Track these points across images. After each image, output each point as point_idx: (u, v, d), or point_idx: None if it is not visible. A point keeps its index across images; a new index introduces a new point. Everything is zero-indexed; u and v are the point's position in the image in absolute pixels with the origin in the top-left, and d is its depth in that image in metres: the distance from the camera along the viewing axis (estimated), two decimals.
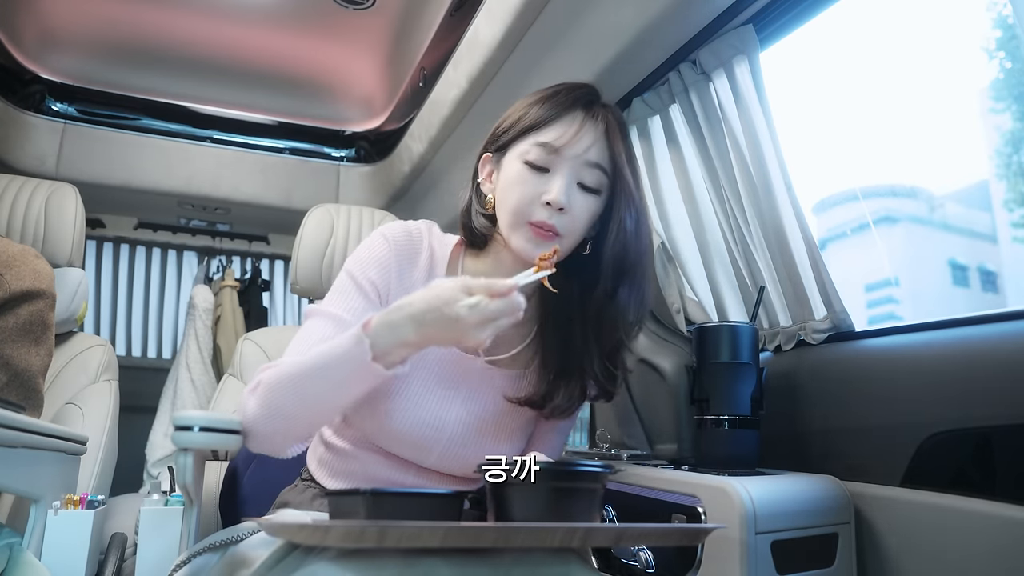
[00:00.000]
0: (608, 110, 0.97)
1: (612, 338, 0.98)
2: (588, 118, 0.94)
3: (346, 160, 2.76)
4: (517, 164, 0.94)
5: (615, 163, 0.95)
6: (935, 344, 1.02)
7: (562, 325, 1.00)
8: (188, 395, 2.73)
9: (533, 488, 0.69)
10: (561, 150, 0.92)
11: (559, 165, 0.93)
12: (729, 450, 1.13)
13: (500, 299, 0.79)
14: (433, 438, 0.96)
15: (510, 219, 0.94)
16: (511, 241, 0.94)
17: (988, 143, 1.57)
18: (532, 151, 0.93)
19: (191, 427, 0.90)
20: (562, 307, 1.00)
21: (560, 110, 0.94)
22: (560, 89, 0.98)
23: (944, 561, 0.93)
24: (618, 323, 0.97)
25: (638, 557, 1.09)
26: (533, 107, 0.96)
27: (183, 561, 0.88)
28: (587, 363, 0.99)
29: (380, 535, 0.57)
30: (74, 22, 2.18)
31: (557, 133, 0.93)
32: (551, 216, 0.91)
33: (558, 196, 0.90)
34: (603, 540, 0.93)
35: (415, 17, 1.97)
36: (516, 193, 0.93)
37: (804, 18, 1.27)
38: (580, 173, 0.93)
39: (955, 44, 1.45)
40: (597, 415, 1.69)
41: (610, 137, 0.95)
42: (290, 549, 0.69)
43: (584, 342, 0.98)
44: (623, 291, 0.96)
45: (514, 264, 0.97)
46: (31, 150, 2.39)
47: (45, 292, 1.34)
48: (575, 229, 0.94)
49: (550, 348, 1.01)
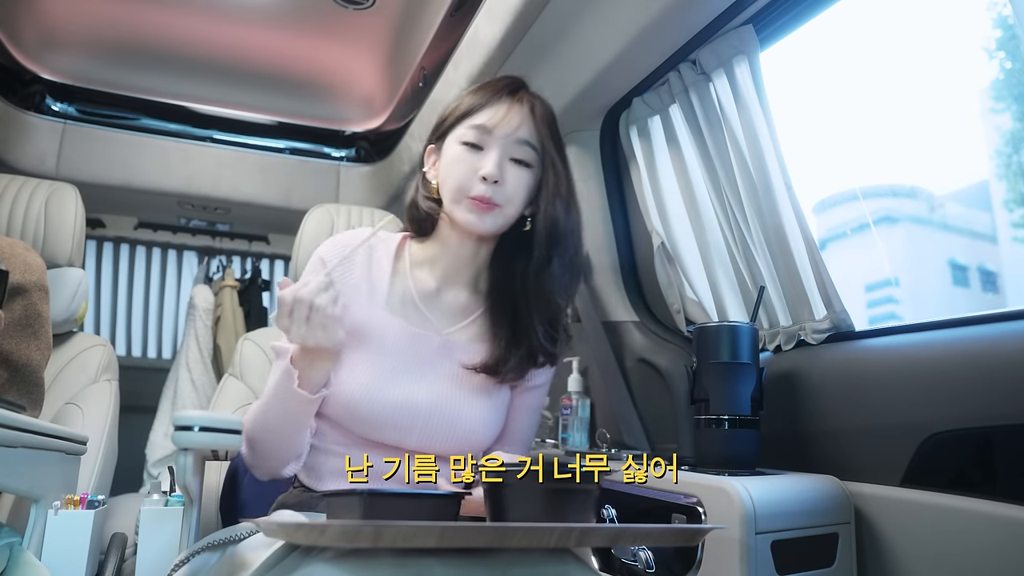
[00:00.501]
0: (533, 96, 1.08)
1: (550, 305, 1.07)
2: (515, 102, 1.05)
3: (346, 160, 2.76)
4: (455, 146, 1.05)
5: (542, 142, 1.05)
6: (935, 344, 1.02)
7: (507, 296, 1.09)
8: (188, 395, 2.74)
9: (529, 488, 0.69)
10: (493, 130, 1.02)
11: (491, 143, 1.03)
12: (729, 450, 1.13)
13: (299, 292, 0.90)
14: (409, 416, 1.02)
15: (452, 195, 1.03)
16: (454, 215, 1.03)
17: (988, 143, 1.57)
18: (468, 133, 1.04)
19: (191, 427, 0.90)
20: (507, 280, 1.10)
21: (490, 96, 1.05)
22: (491, 80, 1.10)
23: (944, 561, 0.93)
24: (554, 291, 1.06)
25: (638, 557, 1.09)
26: (467, 97, 1.08)
27: (182, 560, 0.88)
28: (531, 330, 1.07)
29: (376, 535, 0.56)
30: (74, 22, 2.18)
31: (488, 115, 1.03)
32: (488, 189, 1.01)
33: (492, 169, 1.00)
34: (600, 540, 0.94)
35: (415, 17, 1.97)
36: (456, 171, 1.03)
37: (804, 18, 1.27)
38: (511, 149, 1.03)
39: (955, 44, 1.45)
40: (597, 415, 1.69)
41: (535, 117, 1.05)
42: (289, 550, 0.69)
43: (528, 311, 1.07)
44: (556, 261, 1.05)
45: (460, 245, 1.08)
46: (31, 150, 2.39)
47: (37, 284, 1.34)
48: (511, 199, 1.03)
49: (499, 317, 1.10)
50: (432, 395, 1.04)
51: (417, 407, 1.02)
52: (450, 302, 1.11)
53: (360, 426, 1.02)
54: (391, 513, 0.66)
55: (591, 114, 1.67)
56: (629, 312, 1.66)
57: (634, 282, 1.71)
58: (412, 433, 1.02)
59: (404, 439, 1.02)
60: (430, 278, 1.11)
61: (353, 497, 0.68)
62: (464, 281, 1.12)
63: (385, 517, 0.65)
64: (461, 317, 1.11)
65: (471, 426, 1.04)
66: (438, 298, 1.10)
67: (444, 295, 1.11)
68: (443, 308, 1.10)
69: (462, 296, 1.12)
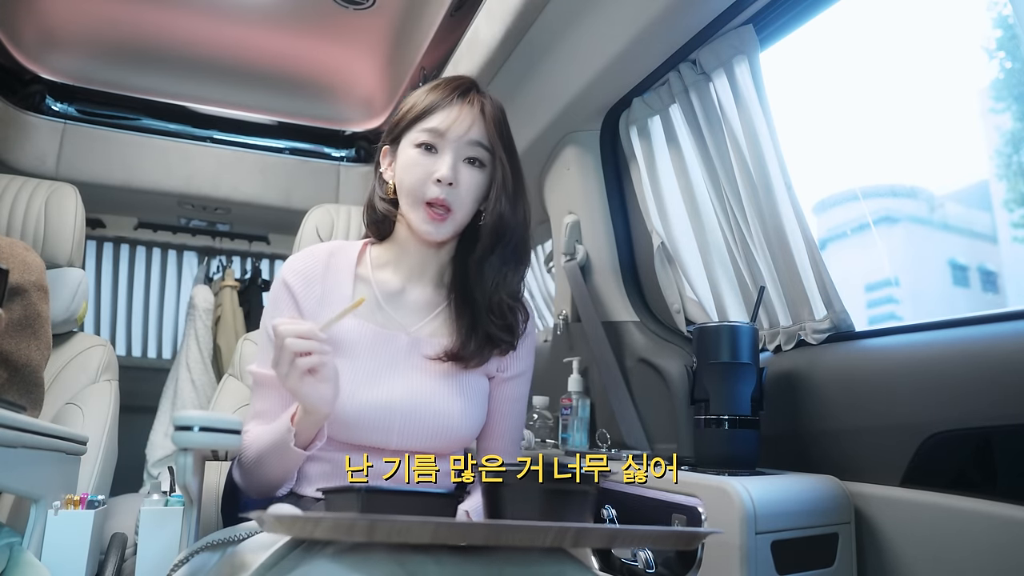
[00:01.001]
0: (484, 97, 1.10)
1: (496, 295, 1.10)
2: (466, 104, 1.07)
3: (346, 160, 2.76)
4: (410, 149, 1.06)
5: (491, 141, 1.07)
6: (935, 344, 1.02)
7: (464, 289, 1.12)
8: (188, 395, 2.74)
9: (528, 489, 0.69)
10: (446, 133, 1.04)
11: (445, 146, 1.05)
12: (729, 450, 1.13)
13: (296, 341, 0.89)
14: (387, 416, 1.03)
15: (409, 199, 1.06)
16: (410, 220, 1.06)
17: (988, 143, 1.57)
18: (421, 136, 1.05)
19: (191, 427, 0.90)
20: (464, 273, 1.13)
21: (441, 98, 1.06)
22: (441, 82, 1.11)
23: (944, 561, 0.93)
24: (497, 283, 1.10)
25: (638, 557, 1.09)
26: (419, 99, 1.09)
27: (182, 560, 0.88)
28: (487, 321, 1.10)
29: (370, 529, 0.56)
30: (74, 22, 2.18)
31: (441, 119, 1.05)
32: (443, 191, 1.03)
33: (446, 172, 1.03)
34: (596, 541, 0.94)
35: (415, 17, 1.97)
36: (411, 174, 1.05)
37: (804, 18, 1.27)
38: (463, 151, 1.06)
39: (955, 44, 1.45)
40: (597, 415, 1.69)
41: (485, 117, 1.07)
42: (289, 549, 0.69)
43: (482, 300, 1.10)
44: (497, 255, 1.09)
45: (417, 247, 1.11)
46: (31, 150, 2.39)
47: (36, 284, 1.34)
48: (466, 201, 1.06)
49: (460, 308, 1.12)
50: (406, 392, 1.05)
51: (392, 406, 1.03)
52: (415, 299, 1.13)
53: (341, 431, 1.02)
54: (388, 510, 0.66)
55: (591, 114, 1.67)
56: (629, 312, 1.66)
57: (634, 282, 1.71)
58: (392, 433, 1.03)
59: (385, 439, 1.03)
60: (394, 278, 1.13)
61: (351, 493, 0.69)
62: (429, 278, 1.15)
63: (382, 513, 0.65)
64: (426, 313, 1.13)
65: (449, 420, 1.06)
66: (402, 297, 1.13)
67: (409, 294, 1.13)
68: (408, 306, 1.12)
69: (427, 292, 1.14)
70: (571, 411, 1.67)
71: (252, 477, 1.02)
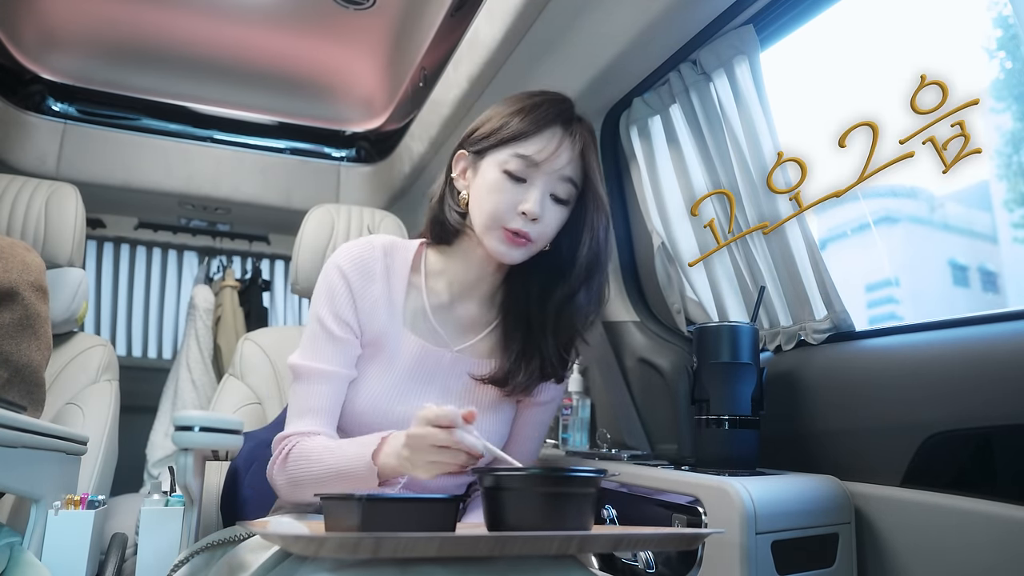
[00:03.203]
0: (584, 127, 1.04)
1: (568, 332, 1.07)
2: (567, 135, 1.00)
3: (346, 160, 2.76)
4: (496, 172, 0.99)
5: (588, 177, 1.02)
6: (935, 344, 1.02)
7: (522, 315, 1.08)
8: (188, 395, 2.74)
9: (527, 493, 0.69)
10: (540, 164, 0.98)
11: (536, 178, 0.98)
12: (729, 450, 1.13)
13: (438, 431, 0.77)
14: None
15: (486, 222, 0.99)
16: (485, 241, 1.01)
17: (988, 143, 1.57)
18: (512, 162, 0.98)
19: (191, 427, 0.91)
20: (523, 300, 1.08)
21: (540, 125, 0.99)
22: (541, 102, 1.02)
23: (944, 561, 0.93)
24: (575, 320, 1.05)
25: (638, 557, 1.09)
26: (514, 118, 1.00)
27: (182, 560, 0.89)
28: (544, 351, 1.06)
29: (376, 546, 0.56)
30: (74, 22, 2.18)
31: (537, 147, 0.98)
32: (526, 224, 0.98)
33: (534, 207, 0.97)
34: (601, 547, 0.93)
35: (415, 17, 1.97)
36: (494, 200, 0.98)
37: (804, 18, 1.27)
38: (555, 186, 1.00)
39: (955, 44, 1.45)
40: (597, 415, 1.69)
41: (585, 155, 1.02)
42: (285, 554, 0.69)
43: (542, 331, 1.06)
44: (583, 293, 1.04)
45: (482, 261, 1.06)
46: (31, 150, 2.39)
47: (35, 284, 1.34)
48: (545, 236, 1.02)
49: (511, 331, 1.08)
50: None
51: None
52: (462, 315, 1.09)
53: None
54: (389, 518, 0.65)
55: (591, 114, 1.66)
56: (629, 312, 1.66)
57: (634, 282, 1.71)
58: None
59: None
60: (444, 291, 1.08)
61: (351, 501, 0.67)
62: (479, 295, 1.10)
63: (383, 522, 0.64)
64: (473, 332, 1.09)
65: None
66: (451, 312, 1.08)
67: (456, 309, 1.09)
68: (455, 321, 1.08)
69: (474, 309, 1.10)
70: (571, 411, 1.67)
71: (303, 490, 0.94)
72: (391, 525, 0.64)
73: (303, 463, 0.94)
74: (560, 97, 1.05)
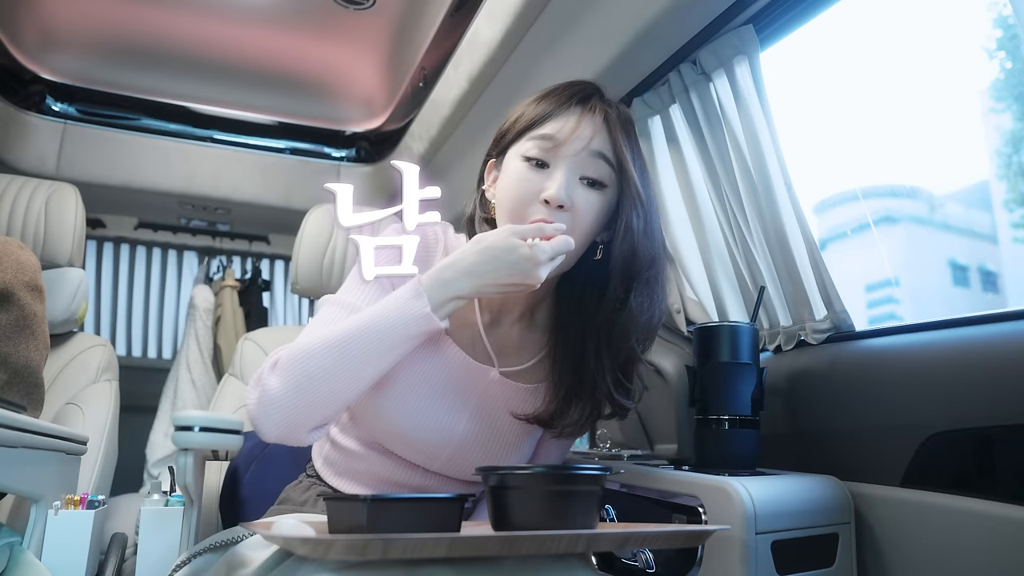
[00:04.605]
0: (608, 103, 0.93)
1: (624, 348, 0.93)
2: (586, 111, 0.90)
3: (346, 160, 2.76)
4: (516, 162, 0.91)
5: (618, 156, 0.90)
6: (935, 344, 1.02)
7: (574, 337, 0.96)
8: (188, 395, 2.74)
9: (532, 492, 0.69)
10: (562, 144, 0.88)
11: (559, 160, 0.88)
12: (729, 450, 1.13)
13: (555, 240, 0.81)
14: (440, 445, 0.96)
15: (507, 219, 0.90)
16: None
17: (988, 143, 1.57)
18: (531, 146, 0.89)
19: (191, 427, 0.90)
20: (574, 317, 0.96)
21: (558, 105, 0.91)
22: (559, 86, 0.95)
23: (944, 561, 0.93)
24: (629, 331, 0.91)
25: (638, 557, 1.09)
26: (531, 105, 0.93)
27: (183, 562, 0.88)
28: (600, 379, 0.94)
29: (385, 547, 0.56)
30: (74, 22, 2.18)
31: (557, 126, 0.88)
32: (551, 215, 0.86)
33: (556, 192, 0.85)
34: (607, 545, 0.92)
35: (415, 17, 1.97)
36: (513, 192, 0.89)
37: (804, 18, 1.26)
38: (583, 165, 0.89)
39: (955, 44, 1.45)
40: None
41: (611, 128, 0.90)
42: (286, 553, 0.69)
43: (596, 355, 0.93)
44: (634, 297, 0.90)
45: None
46: (31, 150, 2.39)
47: (30, 284, 1.34)
48: (580, 228, 0.88)
49: (562, 362, 0.97)
50: (470, 431, 0.97)
51: (450, 439, 0.96)
52: (509, 336, 1.00)
53: (390, 441, 0.97)
54: (395, 518, 0.65)
55: None
56: None
57: None
58: (437, 460, 0.98)
59: (428, 463, 0.98)
60: (486, 309, 0.99)
61: (356, 503, 0.66)
62: (515, 316, 1.00)
63: (389, 522, 0.64)
64: (521, 356, 1.00)
65: (496, 463, 0.98)
66: (497, 329, 1.00)
67: (501, 326, 1.00)
68: (502, 341, 1.00)
69: (519, 330, 1.00)
70: None
71: (307, 388, 0.82)
72: (397, 525, 0.64)
73: (306, 342, 0.84)
74: (582, 80, 0.96)
